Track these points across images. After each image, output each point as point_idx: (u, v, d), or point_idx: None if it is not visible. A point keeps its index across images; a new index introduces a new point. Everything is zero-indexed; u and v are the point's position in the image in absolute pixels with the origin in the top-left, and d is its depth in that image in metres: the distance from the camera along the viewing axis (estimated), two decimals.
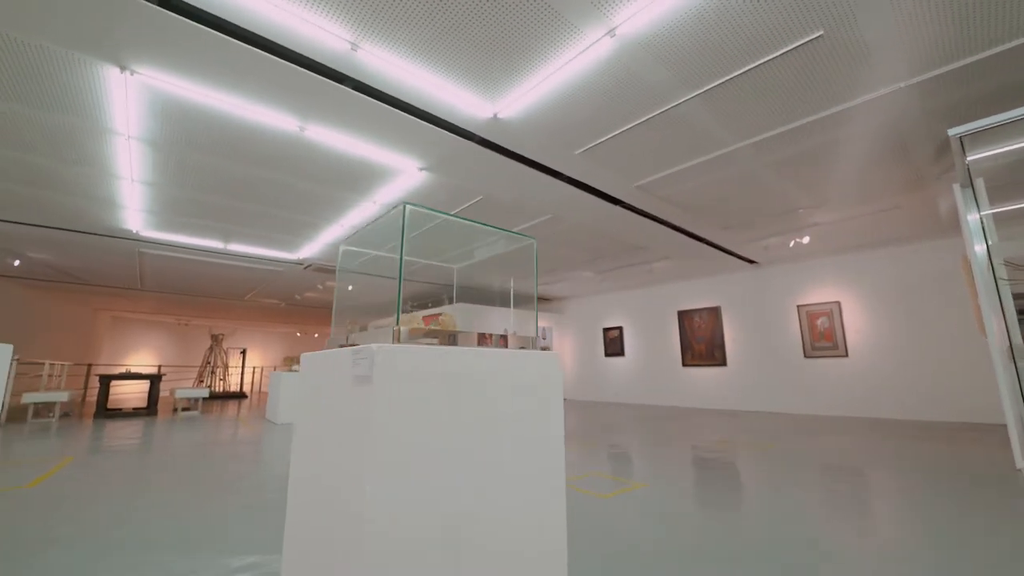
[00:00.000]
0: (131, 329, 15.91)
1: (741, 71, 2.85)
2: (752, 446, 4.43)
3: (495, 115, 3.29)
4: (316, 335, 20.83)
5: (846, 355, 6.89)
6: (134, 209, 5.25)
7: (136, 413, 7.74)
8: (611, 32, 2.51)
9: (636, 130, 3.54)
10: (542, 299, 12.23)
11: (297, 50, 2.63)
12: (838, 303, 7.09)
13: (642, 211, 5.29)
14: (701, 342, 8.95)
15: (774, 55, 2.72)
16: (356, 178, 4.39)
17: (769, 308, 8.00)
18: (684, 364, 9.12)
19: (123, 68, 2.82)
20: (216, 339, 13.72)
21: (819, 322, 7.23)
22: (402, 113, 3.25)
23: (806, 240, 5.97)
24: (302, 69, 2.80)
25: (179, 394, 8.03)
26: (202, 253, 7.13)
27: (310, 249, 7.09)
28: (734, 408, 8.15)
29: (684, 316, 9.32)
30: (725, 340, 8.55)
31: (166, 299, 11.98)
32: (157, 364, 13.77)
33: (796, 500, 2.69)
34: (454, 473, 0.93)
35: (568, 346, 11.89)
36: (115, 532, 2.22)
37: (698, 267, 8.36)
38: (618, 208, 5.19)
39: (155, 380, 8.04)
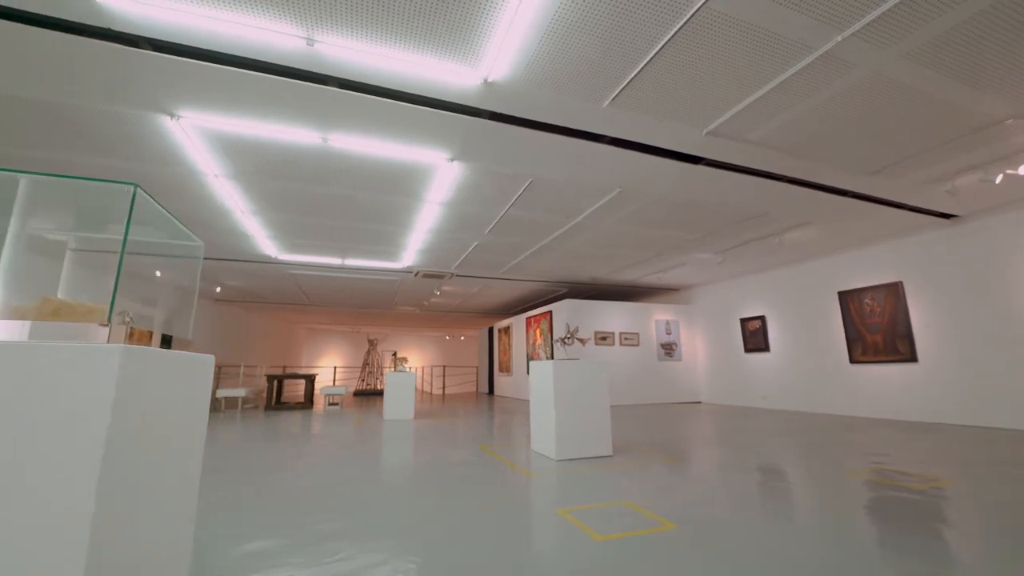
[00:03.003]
0: (320, 337, 19.65)
1: None
2: (918, 478, 3.03)
3: (485, 80, 2.91)
4: (462, 337, 22.59)
5: None
6: (260, 236, 6.29)
7: (299, 406, 9.34)
8: None
9: (665, 57, 2.75)
10: (662, 289, 10.92)
11: (265, 59, 2.69)
12: None
13: (733, 165, 4.18)
14: (876, 331, 6.79)
15: None
16: (398, 180, 4.44)
17: (981, 278, 5.60)
18: (852, 360, 7.04)
19: (171, 115, 3.29)
20: (372, 343, 15.86)
21: None
22: (395, 102, 3.11)
23: (1023, 171, 3.93)
24: (291, 80, 2.88)
25: (323, 391, 9.44)
26: (328, 269, 8.24)
27: (409, 257, 7.57)
28: (930, 420, 5.92)
29: (848, 298, 7.21)
30: (913, 327, 6.30)
31: (332, 311, 14.34)
32: (334, 366, 16.56)
33: None
34: None
35: (699, 341, 10.36)
36: None
37: (859, 232, 6.36)
38: (699, 167, 4.20)
39: (310, 379, 9.61)
